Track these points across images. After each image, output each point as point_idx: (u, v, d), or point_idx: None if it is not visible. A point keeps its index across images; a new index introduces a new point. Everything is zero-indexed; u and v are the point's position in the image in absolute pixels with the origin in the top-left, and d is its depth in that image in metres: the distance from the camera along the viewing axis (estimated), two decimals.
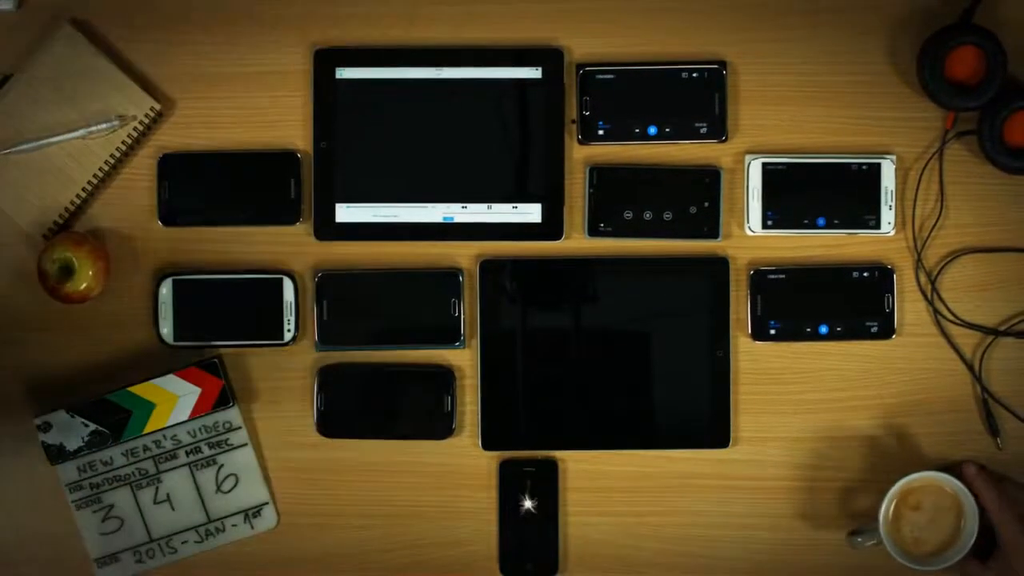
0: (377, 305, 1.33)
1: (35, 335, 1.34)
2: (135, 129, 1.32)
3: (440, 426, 1.33)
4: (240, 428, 1.33)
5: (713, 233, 1.32)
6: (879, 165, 1.32)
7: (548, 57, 1.32)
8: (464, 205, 1.32)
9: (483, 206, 1.32)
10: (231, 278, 1.33)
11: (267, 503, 1.34)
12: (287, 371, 1.34)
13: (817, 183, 1.32)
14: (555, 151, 1.32)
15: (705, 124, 1.32)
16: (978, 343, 1.33)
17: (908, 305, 1.33)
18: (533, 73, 1.32)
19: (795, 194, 1.32)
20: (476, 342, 1.32)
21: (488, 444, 1.33)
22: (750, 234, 1.32)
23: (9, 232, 1.34)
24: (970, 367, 1.33)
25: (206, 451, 1.33)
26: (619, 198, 1.32)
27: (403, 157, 1.32)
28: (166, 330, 1.32)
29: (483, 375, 1.32)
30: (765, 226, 1.32)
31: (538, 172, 1.32)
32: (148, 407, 1.32)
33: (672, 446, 1.33)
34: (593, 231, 1.32)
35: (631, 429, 1.32)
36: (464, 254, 1.33)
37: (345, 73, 1.32)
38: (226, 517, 1.34)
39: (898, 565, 1.26)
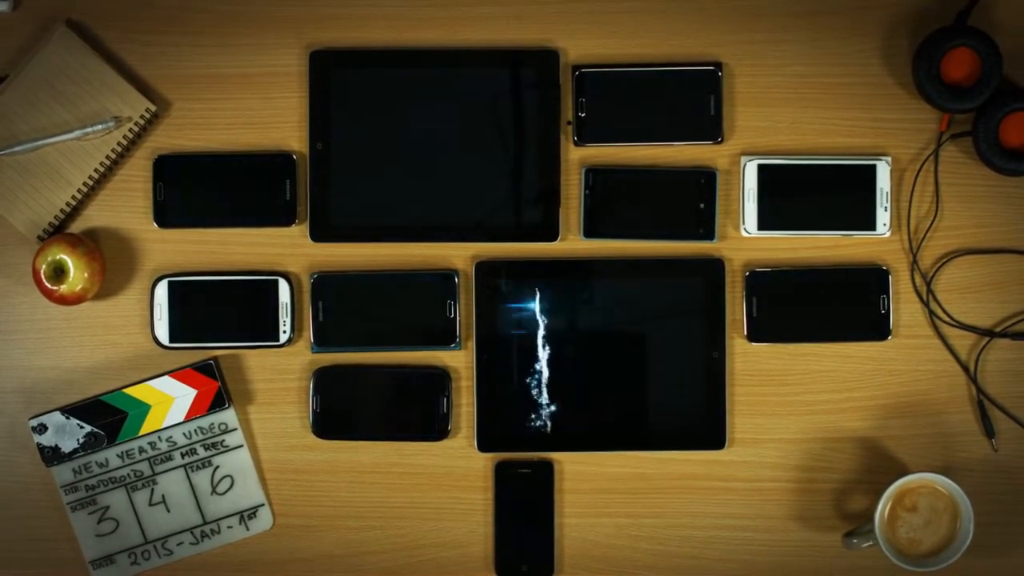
0: (373, 306, 1.33)
1: (30, 337, 1.34)
2: (131, 130, 1.32)
3: (436, 428, 1.32)
4: (236, 430, 1.33)
5: (709, 234, 1.32)
6: (874, 166, 1.32)
7: (544, 58, 1.32)
8: (460, 206, 1.32)
9: (479, 207, 1.32)
10: (227, 279, 1.33)
11: (263, 505, 1.34)
12: (283, 373, 1.34)
13: (813, 184, 1.32)
14: (551, 152, 1.32)
15: (701, 125, 1.32)
16: (974, 344, 1.33)
17: (904, 306, 1.33)
18: (529, 74, 1.32)
19: (791, 195, 1.32)
20: (472, 343, 1.32)
21: (484, 446, 1.33)
22: (746, 235, 1.32)
23: (4, 233, 1.33)
24: (965, 368, 1.33)
25: (201, 453, 1.33)
26: (615, 199, 1.32)
27: (399, 158, 1.32)
28: (162, 331, 1.32)
29: (479, 376, 1.32)
30: (761, 227, 1.32)
31: (534, 173, 1.32)
32: (144, 409, 1.32)
33: (668, 447, 1.33)
34: (589, 232, 1.32)
35: (627, 430, 1.32)
36: (460, 255, 1.33)
37: (341, 74, 1.32)
38: (221, 519, 1.34)
39: (894, 566, 1.26)
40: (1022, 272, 1.33)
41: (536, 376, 1.32)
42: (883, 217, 1.32)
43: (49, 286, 1.29)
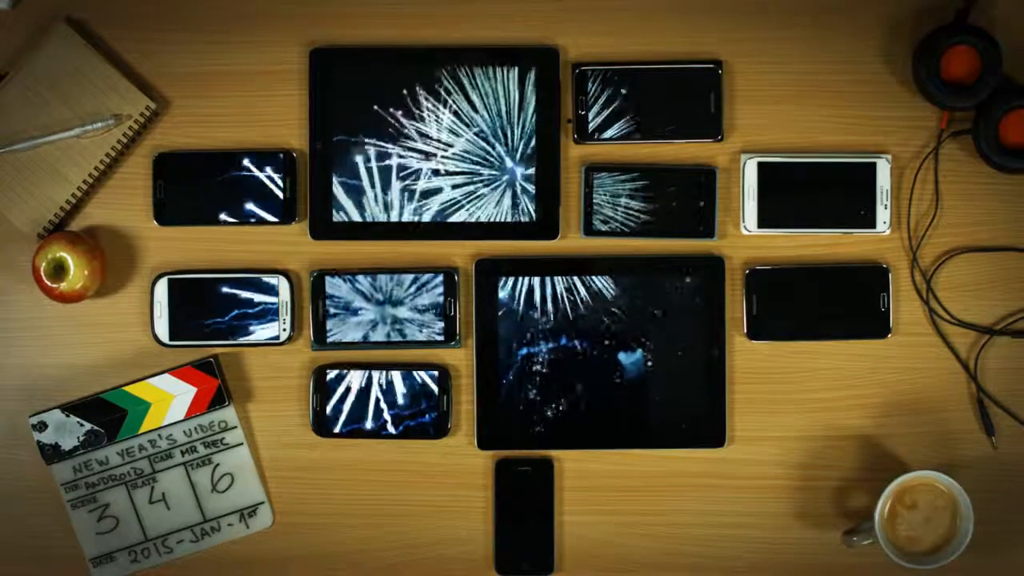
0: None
1: (30, 334, 1.34)
2: (130, 128, 1.32)
3: (436, 425, 1.32)
4: (235, 427, 1.33)
5: (709, 232, 1.32)
6: (875, 164, 1.32)
7: (544, 56, 1.32)
8: (459, 204, 1.32)
9: (478, 204, 1.32)
10: (227, 277, 1.33)
11: (262, 502, 1.34)
12: (283, 370, 1.34)
13: (813, 182, 1.32)
14: (551, 150, 1.32)
15: (701, 123, 1.32)
16: (973, 342, 1.33)
17: (903, 304, 1.33)
18: (529, 72, 1.32)
19: (791, 193, 1.32)
20: (472, 341, 1.32)
21: (484, 443, 1.33)
22: (746, 233, 1.32)
23: (4, 231, 1.33)
24: (965, 366, 1.33)
25: (201, 450, 1.33)
26: (615, 197, 1.32)
27: (398, 156, 1.32)
28: (161, 329, 1.32)
29: (479, 374, 1.32)
30: (761, 225, 1.32)
31: (534, 171, 1.32)
32: (144, 406, 1.32)
33: (668, 445, 1.33)
34: (589, 230, 1.32)
35: (627, 428, 1.32)
36: (460, 253, 1.33)
37: (341, 72, 1.32)
38: (221, 516, 1.34)
39: (893, 564, 1.26)
40: (1022, 270, 1.33)
41: (536, 374, 1.32)
42: (883, 215, 1.32)
43: (49, 284, 1.29)
